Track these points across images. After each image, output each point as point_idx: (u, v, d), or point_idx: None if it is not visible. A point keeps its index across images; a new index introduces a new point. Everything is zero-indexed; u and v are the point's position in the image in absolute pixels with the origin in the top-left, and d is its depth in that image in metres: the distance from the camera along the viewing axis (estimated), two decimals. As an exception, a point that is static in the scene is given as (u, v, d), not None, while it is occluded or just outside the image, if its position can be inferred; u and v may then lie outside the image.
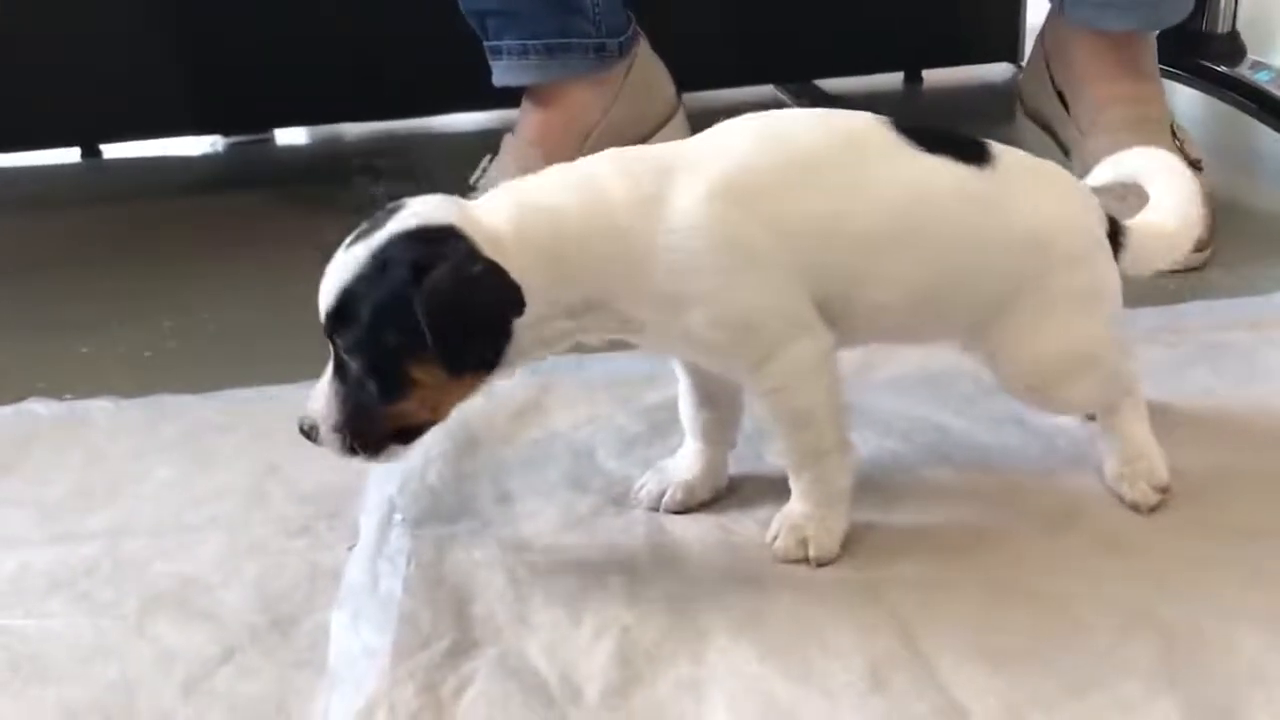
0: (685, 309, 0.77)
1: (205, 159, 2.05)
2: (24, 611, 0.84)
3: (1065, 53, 1.44)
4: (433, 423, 0.80)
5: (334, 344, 0.77)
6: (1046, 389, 0.87)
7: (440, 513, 0.91)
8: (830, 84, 2.05)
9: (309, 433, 0.79)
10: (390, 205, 0.79)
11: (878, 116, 0.83)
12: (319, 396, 0.79)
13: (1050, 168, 0.88)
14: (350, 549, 0.88)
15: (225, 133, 2.08)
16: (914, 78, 2.14)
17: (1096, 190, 0.91)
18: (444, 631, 0.78)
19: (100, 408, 1.11)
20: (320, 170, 1.98)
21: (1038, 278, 0.83)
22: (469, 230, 0.75)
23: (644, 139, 1.46)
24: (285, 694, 0.75)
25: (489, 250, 0.75)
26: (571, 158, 0.80)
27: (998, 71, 2.14)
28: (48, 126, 1.96)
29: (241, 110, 2.00)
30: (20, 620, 0.83)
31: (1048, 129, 1.49)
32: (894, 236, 0.80)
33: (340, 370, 0.78)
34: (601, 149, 0.83)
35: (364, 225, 0.78)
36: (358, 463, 0.80)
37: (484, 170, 1.43)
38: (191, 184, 1.93)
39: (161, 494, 0.98)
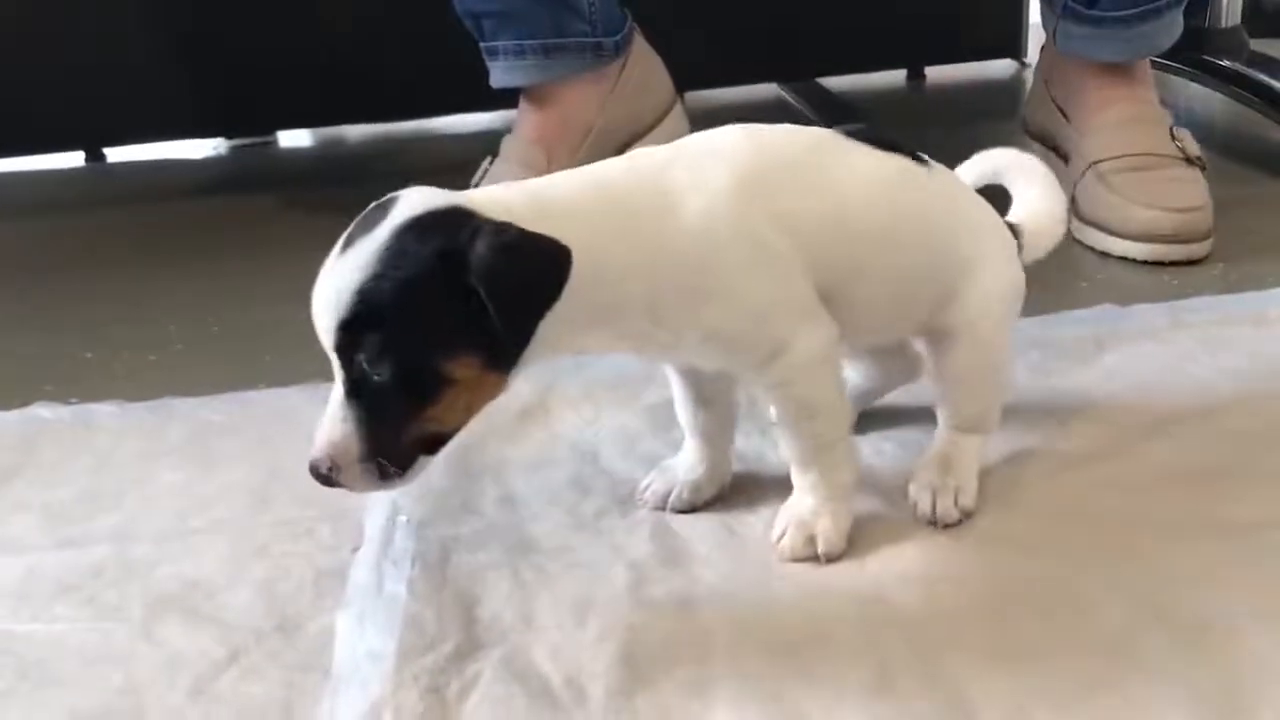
0: (703, 303, 0.77)
1: (209, 162, 2.06)
2: (31, 616, 0.84)
3: (1063, 73, 1.48)
4: (461, 427, 0.75)
5: (348, 360, 0.71)
6: (972, 384, 0.90)
7: (445, 514, 0.91)
8: (832, 82, 2.05)
9: (328, 475, 0.72)
10: (376, 203, 0.73)
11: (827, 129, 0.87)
12: (334, 430, 0.71)
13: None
14: (354, 551, 0.88)
15: (229, 135, 2.08)
16: (916, 75, 2.14)
17: None
18: (449, 634, 0.78)
19: (106, 412, 1.11)
20: (324, 172, 1.99)
21: (978, 267, 0.87)
22: (478, 209, 0.72)
23: (643, 133, 1.46)
24: (291, 697, 0.75)
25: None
26: (572, 155, 0.80)
27: (1000, 68, 2.14)
28: (51, 130, 1.97)
29: (245, 113, 2.01)
30: (28, 625, 0.84)
31: (1049, 142, 1.51)
32: (884, 228, 0.83)
33: (356, 390, 0.71)
34: (601, 145, 0.83)
35: (352, 228, 0.73)
36: (389, 489, 0.74)
37: (485, 171, 1.43)
38: (195, 187, 1.94)
39: (167, 497, 0.98)
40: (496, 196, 0.75)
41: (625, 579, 0.83)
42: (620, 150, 1.41)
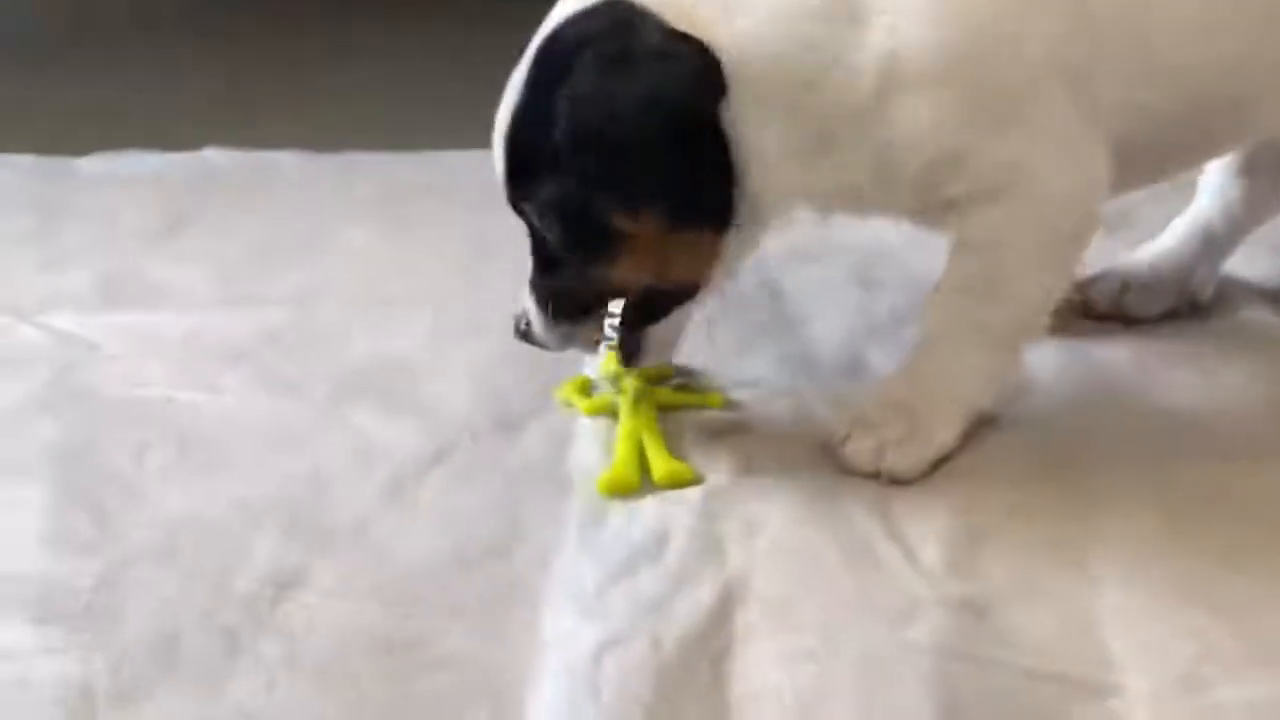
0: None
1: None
2: (194, 383, 0.69)
3: None
4: (685, 284, 0.59)
5: (523, 216, 0.60)
6: None
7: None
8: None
9: (525, 331, 0.63)
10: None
11: None
12: (527, 289, 0.62)
13: None
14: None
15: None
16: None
17: None
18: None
19: (287, 160, 0.96)
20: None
21: None
22: (652, 4, 0.55)
23: None
24: (512, 505, 0.59)
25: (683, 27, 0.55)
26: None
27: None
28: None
29: None
30: (190, 394, 0.69)
31: None
32: None
33: (538, 248, 0.60)
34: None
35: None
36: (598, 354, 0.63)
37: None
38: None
39: (356, 260, 0.83)
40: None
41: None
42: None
